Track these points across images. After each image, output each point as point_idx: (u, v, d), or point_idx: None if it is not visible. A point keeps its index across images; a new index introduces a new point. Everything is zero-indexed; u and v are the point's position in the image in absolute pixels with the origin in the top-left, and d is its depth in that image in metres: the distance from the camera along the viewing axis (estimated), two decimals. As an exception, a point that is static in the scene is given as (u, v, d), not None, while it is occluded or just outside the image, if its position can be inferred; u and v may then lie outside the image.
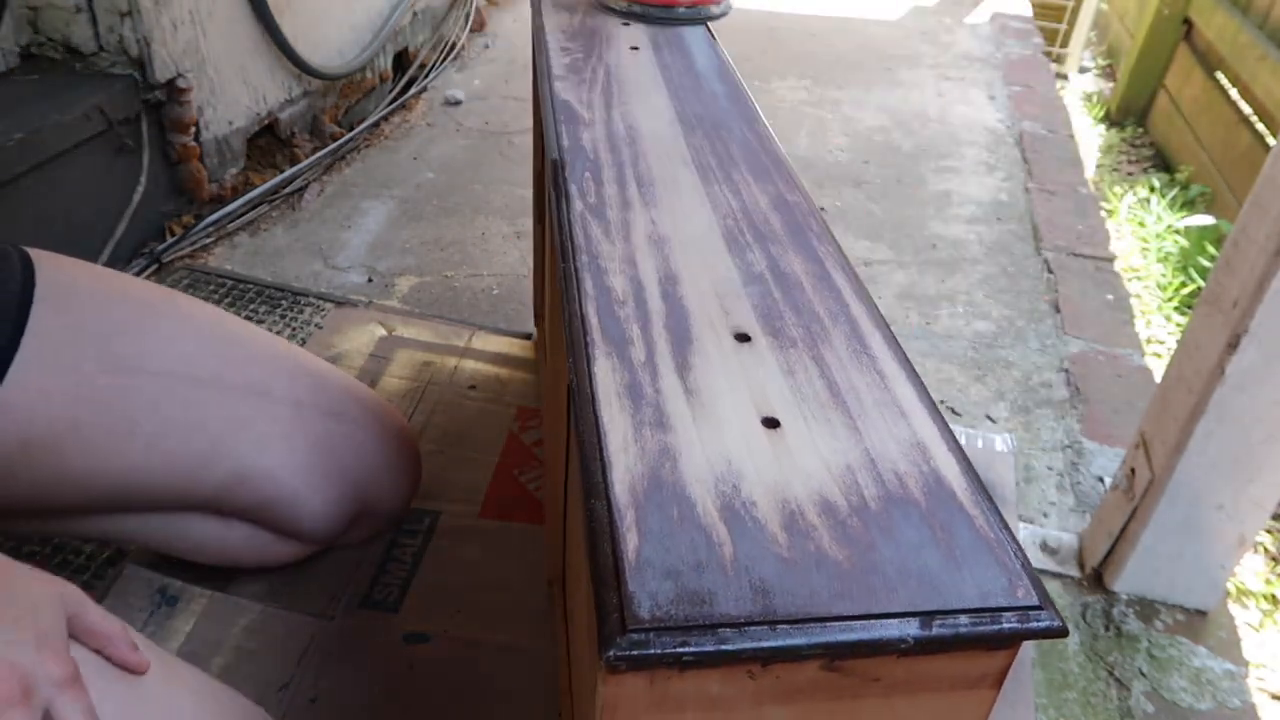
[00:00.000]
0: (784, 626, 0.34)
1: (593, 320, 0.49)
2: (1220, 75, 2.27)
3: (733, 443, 0.42)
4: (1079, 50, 3.15)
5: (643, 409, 0.44)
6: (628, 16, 0.93)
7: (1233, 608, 1.02)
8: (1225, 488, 0.92)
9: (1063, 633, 0.35)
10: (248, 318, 1.34)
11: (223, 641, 0.86)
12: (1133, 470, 0.98)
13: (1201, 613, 1.00)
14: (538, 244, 1.15)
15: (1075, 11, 3.11)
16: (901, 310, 1.51)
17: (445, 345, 1.29)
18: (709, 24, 0.95)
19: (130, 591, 0.89)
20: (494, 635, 0.89)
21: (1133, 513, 0.97)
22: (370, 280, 1.49)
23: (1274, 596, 1.05)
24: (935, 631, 0.35)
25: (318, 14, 1.83)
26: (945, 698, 0.37)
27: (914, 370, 0.48)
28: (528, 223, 1.66)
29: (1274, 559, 1.11)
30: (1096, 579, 1.02)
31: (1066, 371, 1.38)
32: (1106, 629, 0.97)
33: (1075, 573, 1.04)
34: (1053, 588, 1.02)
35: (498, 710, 0.82)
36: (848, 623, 0.34)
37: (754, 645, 0.33)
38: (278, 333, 1.30)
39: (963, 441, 1.18)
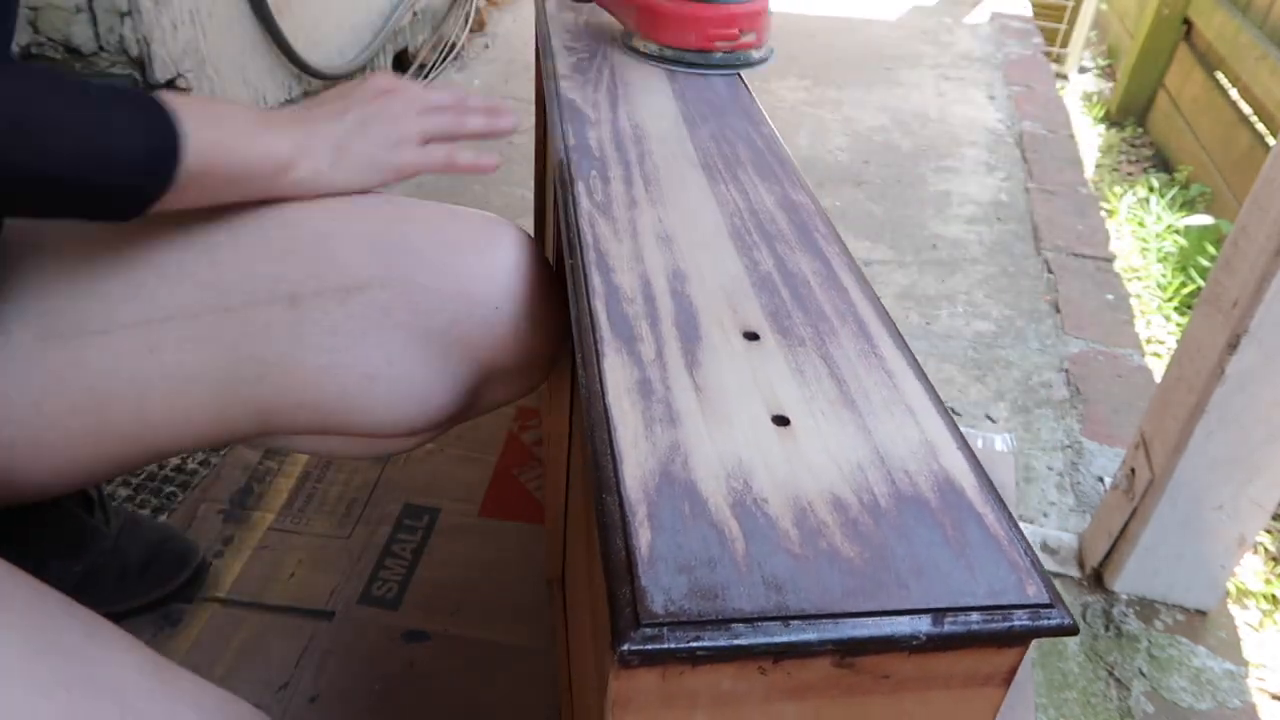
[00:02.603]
0: (797, 622, 0.34)
1: (601, 316, 0.49)
2: (1220, 75, 2.27)
3: (743, 440, 0.42)
4: (1079, 50, 3.16)
5: (653, 405, 0.43)
6: (658, 62, 0.85)
7: (1233, 608, 1.02)
8: (1225, 488, 0.92)
9: (1073, 630, 0.35)
10: (248, 317, 1.33)
11: (223, 643, 0.86)
12: (1133, 470, 0.98)
13: (1201, 613, 1.00)
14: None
15: (1075, 11, 3.11)
16: (901, 310, 1.51)
17: (446, 344, 1.29)
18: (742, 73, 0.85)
19: (131, 590, 0.90)
20: (494, 634, 0.89)
21: (1133, 513, 0.97)
22: (370, 279, 1.49)
23: (1274, 596, 1.05)
24: (947, 628, 0.35)
25: (318, 14, 1.83)
26: (954, 695, 0.38)
27: (922, 370, 0.48)
28: (528, 223, 1.66)
29: (1274, 559, 1.11)
30: (1096, 579, 1.03)
31: (1066, 371, 1.38)
32: (1106, 629, 0.97)
33: (1075, 573, 1.04)
34: (1053, 587, 1.02)
35: (498, 709, 0.82)
36: (860, 619, 0.34)
37: (767, 640, 0.33)
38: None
39: (963, 441, 1.18)
